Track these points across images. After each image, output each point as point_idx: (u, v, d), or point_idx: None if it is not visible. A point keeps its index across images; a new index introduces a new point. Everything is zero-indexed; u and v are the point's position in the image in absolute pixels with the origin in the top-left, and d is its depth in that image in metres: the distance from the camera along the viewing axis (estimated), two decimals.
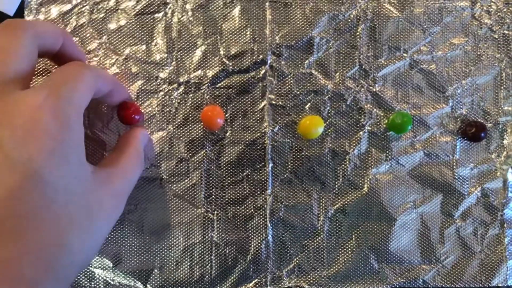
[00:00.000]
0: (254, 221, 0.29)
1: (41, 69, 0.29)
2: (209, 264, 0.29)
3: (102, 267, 0.29)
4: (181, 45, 0.29)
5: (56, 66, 0.27)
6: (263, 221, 0.29)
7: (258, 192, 0.29)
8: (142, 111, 0.29)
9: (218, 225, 0.29)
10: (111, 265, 0.29)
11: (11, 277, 0.17)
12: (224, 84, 0.29)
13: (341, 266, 0.29)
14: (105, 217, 0.21)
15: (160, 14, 0.29)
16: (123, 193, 0.23)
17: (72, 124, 0.19)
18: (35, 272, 0.17)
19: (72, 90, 0.20)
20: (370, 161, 0.30)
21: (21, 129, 0.18)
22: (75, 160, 0.19)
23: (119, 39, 0.29)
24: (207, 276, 0.29)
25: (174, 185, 0.29)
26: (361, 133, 0.30)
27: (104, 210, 0.21)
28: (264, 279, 0.29)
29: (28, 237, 0.17)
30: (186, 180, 0.29)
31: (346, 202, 0.30)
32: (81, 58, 0.25)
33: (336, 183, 0.30)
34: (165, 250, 0.29)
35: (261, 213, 0.29)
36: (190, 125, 0.29)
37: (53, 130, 0.18)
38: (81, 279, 0.28)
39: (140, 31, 0.29)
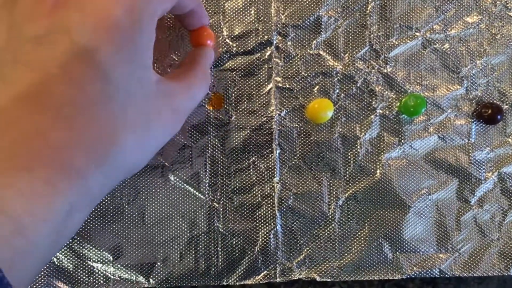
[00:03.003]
0: (262, 210, 0.28)
1: None
2: (215, 256, 0.27)
3: (101, 261, 0.27)
4: None
5: None
6: (271, 210, 0.28)
7: (266, 180, 0.28)
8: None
9: (224, 215, 0.27)
10: (111, 258, 0.27)
11: (61, 163, 0.16)
12: (228, 66, 0.28)
13: (353, 256, 0.28)
14: (162, 129, 0.21)
15: None
16: (183, 110, 0.22)
17: (144, 26, 0.18)
18: (85, 163, 0.17)
19: None
20: (382, 146, 0.28)
21: (92, 17, 0.17)
22: (141, 62, 0.19)
23: None
24: (213, 269, 0.27)
25: (177, 173, 0.27)
26: (372, 116, 0.28)
27: (162, 122, 0.20)
28: (273, 271, 0.27)
29: (82, 127, 0.17)
30: (189, 168, 0.27)
31: (357, 189, 0.28)
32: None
33: (347, 169, 0.28)
34: (168, 242, 0.27)
35: (269, 201, 0.28)
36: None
37: (125, 27, 0.17)
38: (79, 274, 0.27)
39: None
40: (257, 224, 0.28)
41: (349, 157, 0.28)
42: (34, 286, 0.26)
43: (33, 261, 0.16)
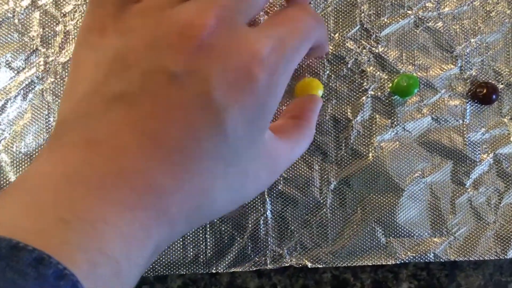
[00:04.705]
0: None
1: None
2: (204, 243, 0.27)
3: None
4: None
5: None
6: (261, 195, 0.27)
7: None
8: None
9: None
10: None
11: (158, 209, 0.16)
12: None
13: (346, 241, 0.27)
14: (255, 188, 0.20)
15: None
16: (279, 171, 0.21)
17: (278, 90, 0.18)
18: (178, 213, 0.17)
19: (296, 51, 0.18)
20: (374, 128, 0.28)
21: (233, 73, 0.16)
22: (262, 126, 0.18)
23: None
24: (202, 256, 0.27)
25: None
26: (364, 98, 0.28)
27: (257, 182, 0.20)
28: (263, 258, 0.27)
29: (186, 178, 0.16)
30: None
31: (349, 173, 0.27)
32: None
33: (339, 152, 0.27)
34: None
35: None
36: None
37: (260, 92, 0.17)
38: None
39: None
40: (247, 210, 0.27)
41: (341, 140, 0.27)
42: None
43: None
